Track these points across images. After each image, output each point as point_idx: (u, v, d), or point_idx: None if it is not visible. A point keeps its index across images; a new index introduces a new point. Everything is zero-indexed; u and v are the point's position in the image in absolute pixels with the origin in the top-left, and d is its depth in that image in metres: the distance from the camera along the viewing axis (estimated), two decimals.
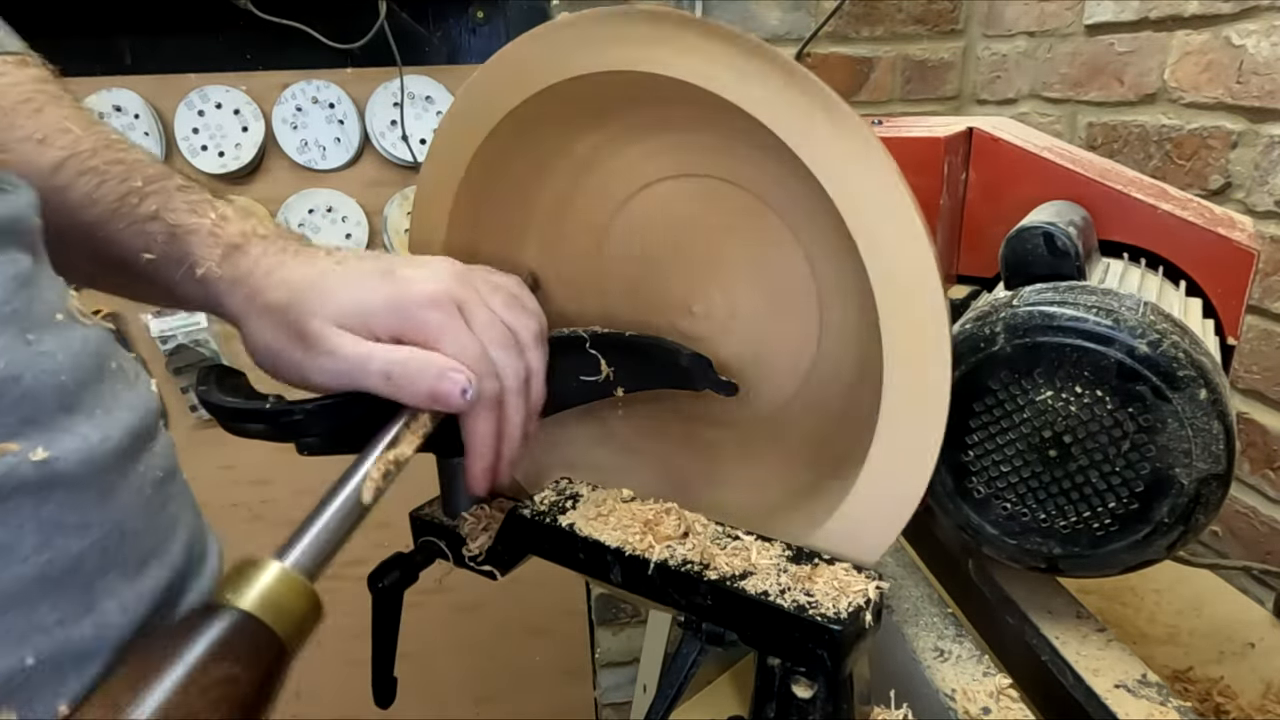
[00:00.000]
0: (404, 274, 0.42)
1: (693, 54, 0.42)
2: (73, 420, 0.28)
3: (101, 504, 0.29)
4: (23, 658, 0.25)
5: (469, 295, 0.43)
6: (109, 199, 0.42)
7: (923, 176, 0.60)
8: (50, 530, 0.27)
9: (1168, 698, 0.48)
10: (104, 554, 0.28)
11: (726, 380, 0.54)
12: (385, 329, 0.41)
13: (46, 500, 0.26)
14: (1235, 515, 0.95)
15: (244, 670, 0.28)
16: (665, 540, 0.46)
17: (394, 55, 1.17)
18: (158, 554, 0.31)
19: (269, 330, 0.41)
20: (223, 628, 0.28)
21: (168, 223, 0.42)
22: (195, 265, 0.41)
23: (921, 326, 0.40)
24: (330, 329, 0.40)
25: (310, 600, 0.32)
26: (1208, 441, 0.44)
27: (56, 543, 0.27)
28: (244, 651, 0.28)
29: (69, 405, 0.28)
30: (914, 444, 0.42)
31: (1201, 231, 0.58)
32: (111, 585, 0.29)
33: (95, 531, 0.28)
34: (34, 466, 0.26)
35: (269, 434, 0.43)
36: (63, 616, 0.27)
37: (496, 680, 1.62)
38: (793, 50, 1.28)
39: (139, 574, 0.30)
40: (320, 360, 0.40)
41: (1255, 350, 0.91)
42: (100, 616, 0.28)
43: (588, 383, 0.52)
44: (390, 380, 0.40)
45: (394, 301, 0.41)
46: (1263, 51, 0.85)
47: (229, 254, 0.42)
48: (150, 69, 1.18)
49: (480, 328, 0.42)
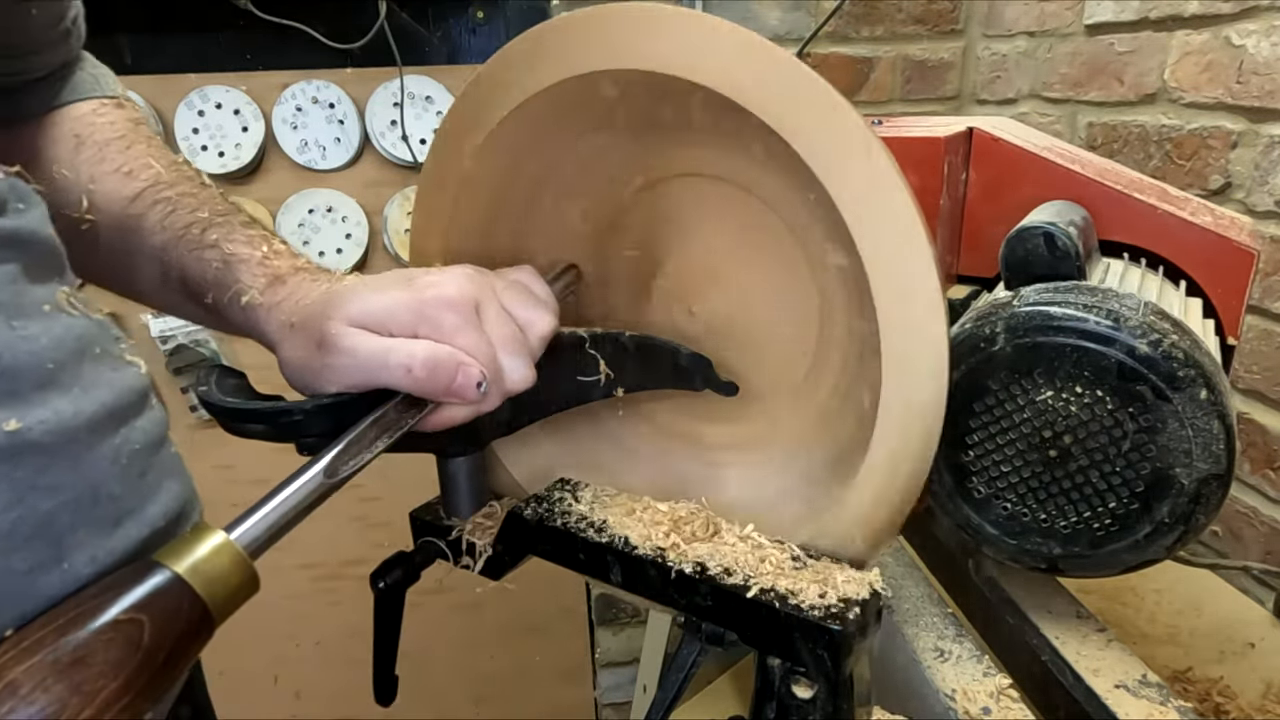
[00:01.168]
0: (422, 280, 0.43)
1: (694, 52, 0.42)
2: (47, 396, 0.31)
3: (73, 469, 0.32)
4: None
5: (485, 294, 0.44)
6: (177, 226, 0.47)
7: (923, 176, 0.60)
8: (22, 490, 0.30)
9: (1168, 698, 0.48)
10: (75, 512, 0.32)
11: (726, 380, 0.54)
12: (402, 329, 0.41)
13: (18, 465, 0.30)
14: (1236, 515, 0.95)
15: (150, 621, 0.30)
16: (691, 541, 0.47)
17: (394, 55, 1.17)
18: (134, 514, 0.34)
19: (296, 346, 0.43)
20: (150, 584, 0.30)
21: (224, 251, 0.46)
22: (240, 292, 0.45)
23: (920, 327, 0.40)
24: (346, 329, 0.41)
25: (244, 573, 0.33)
26: (1208, 441, 0.44)
27: (28, 501, 0.30)
28: (159, 608, 0.30)
29: (45, 383, 0.32)
30: (911, 444, 0.42)
31: (1201, 231, 0.58)
32: (82, 540, 0.32)
33: (67, 493, 0.31)
34: (6, 435, 0.30)
35: (269, 434, 0.43)
36: (32, 566, 0.30)
37: (496, 680, 1.62)
38: (793, 50, 1.28)
39: (112, 531, 0.33)
40: (339, 359, 0.41)
41: (1255, 350, 0.91)
42: (70, 568, 0.31)
43: (587, 383, 0.52)
44: (410, 373, 0.40)
45: (411, 302, 0.41)
46: (1263, 51, 0.85)
47: (272, 284, 0.45)
48: (150, 69, 1.18)
49: (491, 326, 0.43)
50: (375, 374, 0.41)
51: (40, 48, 0.48)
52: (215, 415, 0.44)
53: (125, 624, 0.29)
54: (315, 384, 0.43)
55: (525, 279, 0.48)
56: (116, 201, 0.47)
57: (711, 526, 0.49)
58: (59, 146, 0.49)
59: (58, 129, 0.49)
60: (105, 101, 0.51)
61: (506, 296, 0.45)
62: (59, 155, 0.48)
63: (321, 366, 0.41)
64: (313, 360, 0.42)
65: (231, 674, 1.53)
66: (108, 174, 0.47)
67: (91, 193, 0.47)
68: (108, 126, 0.49)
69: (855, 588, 0.42)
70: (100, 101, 0.51)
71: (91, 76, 0.52)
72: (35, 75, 0.49)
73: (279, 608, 1.47)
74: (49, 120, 0.49)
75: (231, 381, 0.46)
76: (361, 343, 0.40)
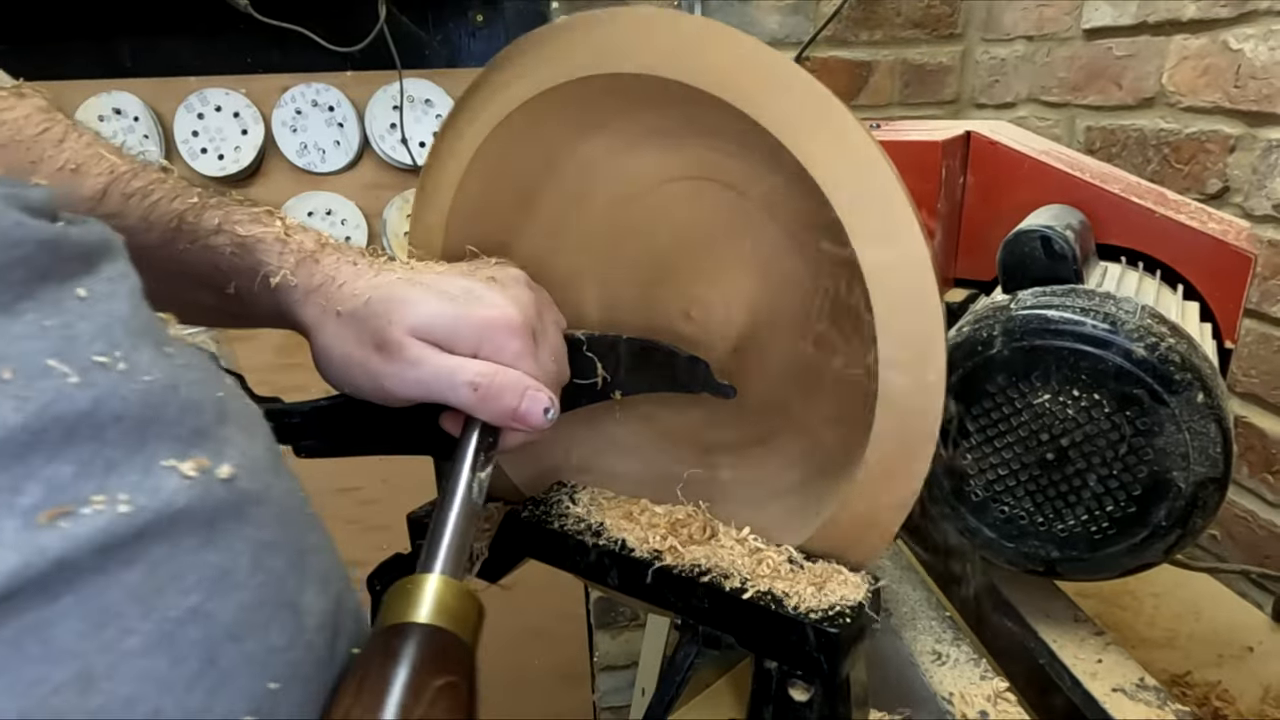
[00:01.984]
0: (486, 296, 0.42)
1: (693, 56, 0.42)
2: (229, 432, 0.26)
3: (281, 520, 0.27)
4: (265, 682, 0.24)
5: (540, 327, 0.44)
6: (165, 219, 0.41)
7: (920, 180, 0.60)
8: (258, 550, 0.25)
9: (1165, 701, 0.48)
10: (301, 572, 0.27)
11: (724, 384, 0.54)
12: (465, 347, 0.41)
13: (246, 519, 0.25)
14: (1234, 519, 0.95)
15: (460, 679, 0.28)
16: (688, 544, 0.47)
17: (393, 58, 1.17)
18: (335, 567, 0.30)
19: (347, 340, 0.41)
20: (420, 642, 0.29)
21: (235, 234, 0.41)
22: (270, 275, 0.41)
23: (918, 334, 0.40)
24: (411, 340, 0.40)
25: (474, 601, 0.32)
26: (1205, 445, 0.44)
27: (265, 563, 0.25)
28: (456, 662, 0.29)
29: (222, 417, 0.26)
30: (909, 445, 0.42)
31: (1199, 235, 0.58)
32: (310, 604, 0.27)
33: (287, 549, 0.27)
34: (224, 486, 0.24)
35: None
36: (290, 640, 0.26)
37: (494, 683, 1.62)
38: (792, 54, 1.28)
39: (323, 590, 0.28)
40: (404, 369, 0.40)
41: (1253, 354, 0.91)
42: (311, 640, 0.26)
43: (585, 386, 0.52)
44: (477, 392, 0.40)
45: (478, 323, 0.41)
46: (1260, 56, 0.85)
47: (303, 263, 0.42)
48: (150, 72, 1.18)
49: (544, 362, 0.44)
50: (440, 391, 0.40)
51: None
52: None
53: (449, 688, 0.28)
54: (366, 383, 0.42)
55: (560, 319, 0.49)
56: (78, 204, 0.39)
57: (709, 529, 0.49)
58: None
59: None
60: (3, 94, 0.40)
61: (552, 334, 0.46)
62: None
63: (379, 371, 0.40)
64: (368, 361, 0.41)
65: None
66: (50, 175, 0.39)
67: None
68: (24, 121, 0.39)
69: (852, 590, 0.42)
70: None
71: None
72: None
73: None
74: None
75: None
76: (429, 358, 0.40)
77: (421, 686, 0.27)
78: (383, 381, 0.41)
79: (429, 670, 0.28)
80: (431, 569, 0.33)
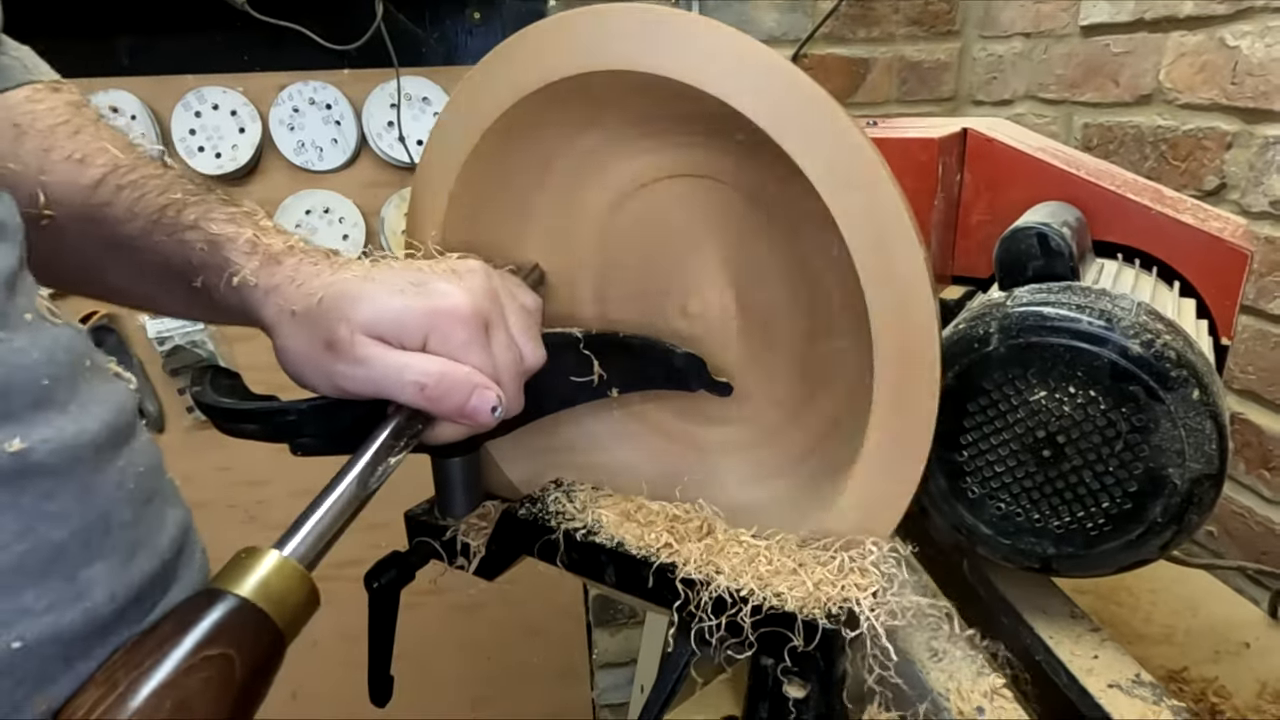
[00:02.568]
0: (437, 286, 0.42)
1: (689, 54, 0.42)
2: (47, 415, 0.29)
3: (82, 495, 0.29)
4: (8, 642, 0.26)
5: (495, 315, 0.43)
6: (149, 211, 0.43)
7: (917, 177, 0.61)
8: (30, 518, 0.27)
9: (1161, 697, 0.48)
10: (87, 544, 0.29)
11: (721, 381, 0.54)
12: (411, 338, 0.41)
13: (24, 490, 0.27)
14: (1231, 515, 0.96)
15: (238, 653, 0.29)
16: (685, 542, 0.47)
17: (391, 56, 1.17)
18: (145, 545, 0.32)
19: (301, 339, 0.41)
20: (221, 612, 0.29)
21: (208, 232, 0.43)
22: (233, 274, 0.42)
23: (913, 326, 0.40)
24: (360, 337, 0.40)
25: (307, 589, 0.33)
26: (1201, 441, 0.45)
27: (39, 531, 0.28)
28: (240, 636, 0.29)
29: (43, 401, 0.29)
30: (905, 445, 0.42)
31: (1195, 232, 0.58)
32: (99, 575, 0.29)
33: (76, 521, 0.29)
34: (10, 457, 0.27)
35: (263, 435, 0.43)
36: (51, 603, 0.28)
37: (494, 681, 1.62)
38: (789, 52, 1.28)
39: (127, 564, 0.31)
40: (351, 368, 0.40)
41: (1250, 350, 0.91)
42: (90, 604, 0.29)
43: (581, 384, 0.52)
44: (424, 391, 0.40)
45: (424, 311, 0.41)
46: (1257, 53, 0.85)
47: (266, 264, 0.42)
48: (147, 70, 1.18)
49: (498, 351, 0.43)
50: (387, 389, 0.40)
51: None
52: (210, 416, 0.44)
53: (216, 659, 0.28)
54: (318, 382, 0.42)
55: (517, 290, 0.47)
56: (76, 192, 0.43)
57: (706, 526, 0.49)
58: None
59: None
60: (39, 86, 0.46)
61: (513, 320, 0.45)
62: (1, 148, 0.44)
63: (330, 370, 0.41)
64: (320, 360, 0.41)
65: None
66: (59, 163, 0.43)
67: (45, 185, 0.43)
68: (48, 113, 0.45)
69: (851, 589, 0.42)
70: (34, 87, 0.46)
71: (17, 61, 0.47)
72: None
73: None
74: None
75: (226, 382, 0.46)
76: (376, 355, 0.40)
77: (193, 652, 0.28)
78: (335, 380, 0.41)
79: (208, 639, 0.29)
80: (281, 547, 0.33)
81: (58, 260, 0.45)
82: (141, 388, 1.34)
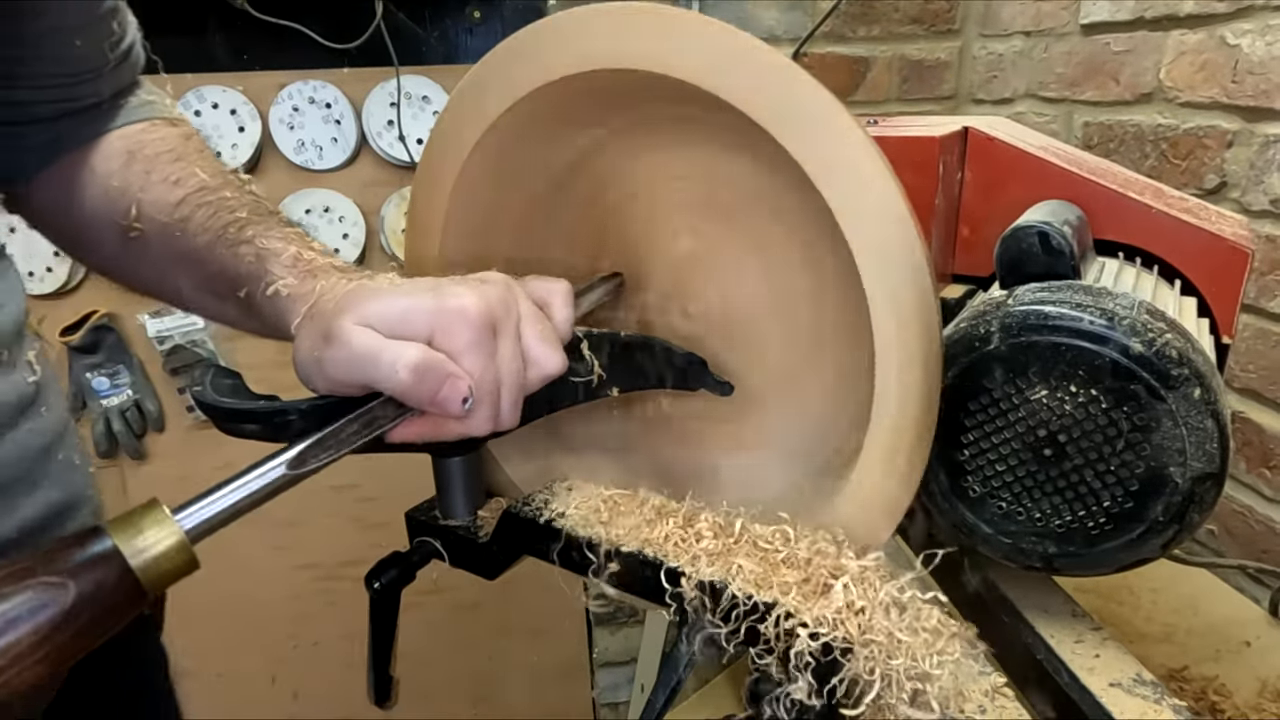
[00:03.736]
0: (450, 289, 0.42)
1: (689, 53, 0.42)
2: None
3: None
4: None
5: (506, 323, 0.43)
6: (217, 226, 0.49)
7: (918, 176, 0.60)
8: None
9: (1163, 696, 0.48)
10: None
11: (722, 380, 0.54)
12: (415, 334, 0.41)
13: None
14: (1231, 514, 0.96)
15: (76, 587, 0.31)
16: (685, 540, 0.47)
17: (390, 55, 1.17)
18: (33, 495, 0.42)
19: (307, 338, 0.42)
20: (86, 552, 0.32)
21: (258, 246, 0.47)
22: (269, 283, 0.45)
23: (913, 326, 0.40)
24: (352, 326, 0.40)
25: (182, 555, 0.34)
26: (1202, 440, 0.44)
27: None
28: (87, 574, 0.32)
29: None
30: (906, 444, 0.42)
31: (1196, 230, 0.58)
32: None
33: None
34: None
35: (263, 434, 0.43)
36: None
37: (494, 680, 1.62)
38: (790, 50, 1.28)
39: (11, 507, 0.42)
40: (335, 352, 0.40)
41: (1251, 349, 0.91)
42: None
43: (582, 384, 0.52)
44: (396, 374, 0.40)
45: (430, 309, 0.41)
46: (1258, 51, 0.85)
47: (303, 277, 0.45)
48: (147, 69, 1.17)
49: (502, 358, 0.43)
50: (365, 370, 0.40)
51: (91, 77, 0.51)
52: (209, 415, 0.44)
53: (51, 585, 0.31)
54: (313, 378, 0.42)
55: (555, 301, 0.47)
56: (163, 209, 0.50)
57: (704, 524, 0.49)
58: (112, 162, 0.52)
59: (111, 146, 0.52)
60: (157, 121, 0.55)
61: (527, 327, 0.44)
62: (111, 169, 0.51)
63: (321, 358, 0.41)
64: (316, 354, 0.41)
65: (229, 675, 1.53)
66: (156, 184, 0.50)
67: (140, 202, 0.50)
68: (158, 142, 0.53)
69: (850, 590, 0.42)
70: (152, 121, 0.55)
71: (146, 102, 0.56)
72: (89, 101, 0.52)
73: (277, 608, 1.47)
74: (104, 140, 0.53)
75: (227, 382, 0.46)
76: (359, 338, 0.40)
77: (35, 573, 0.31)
78: (324, 368, 0.41)
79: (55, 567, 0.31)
80: (179, 510, 0.35)
81: (143, 268, 0.53)
82: (142, 387, 1.34)
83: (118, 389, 1.32)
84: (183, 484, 1.35)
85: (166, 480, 1.37)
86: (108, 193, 0.51)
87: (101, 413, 1.31)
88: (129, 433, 1.33)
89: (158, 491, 0.36)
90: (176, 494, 0.35)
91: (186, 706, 0.64)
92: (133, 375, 1.33)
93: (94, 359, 1.30)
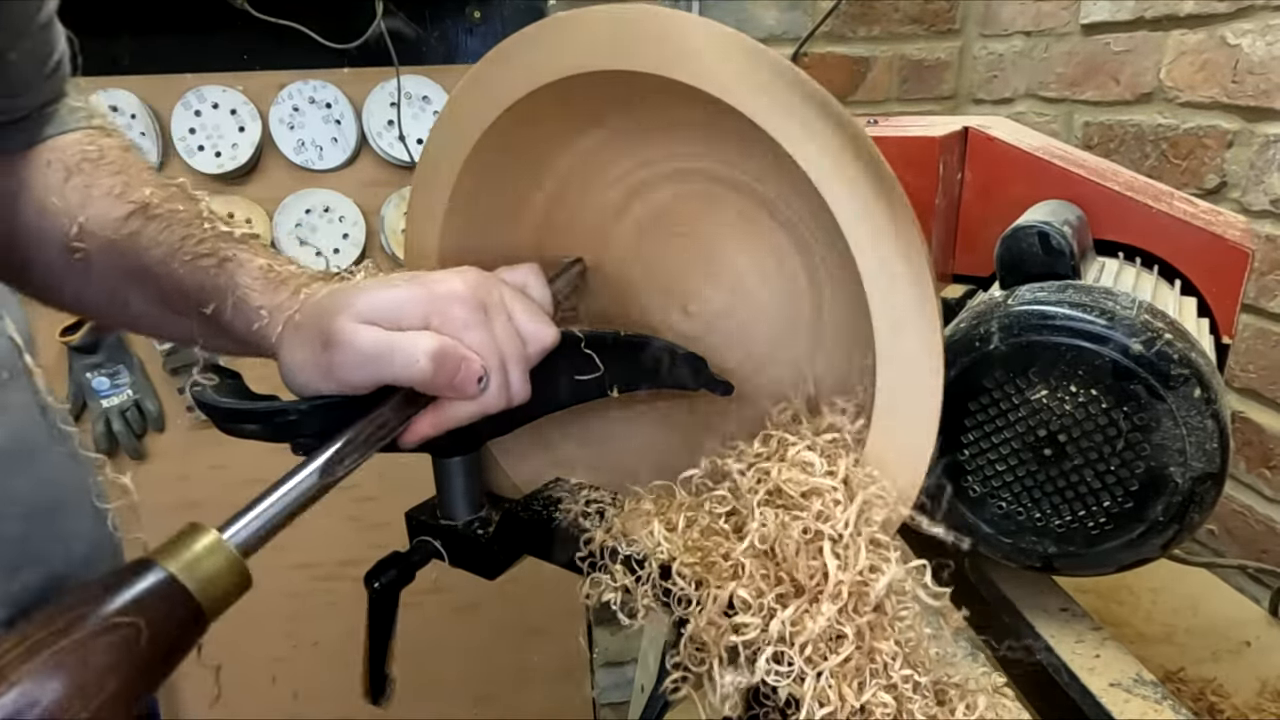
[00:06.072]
0: (433, 276, 0.43)
1: (690, 55, 0.42)
2: None
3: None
4: None
5: (494, 300, 0.43)
6: (172, 240, 0.46)
7: (918, 176, 0.60)
8: None
9: (1163, 696, 0.48)
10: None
11: (721, 380, 0.54)
12: (412, 322, 0.41)
13: None
14: (1231, 514, 0.96)
15: (147, 624, 0.30)
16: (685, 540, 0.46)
17: (390, 55, 1.17)
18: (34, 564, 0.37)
19: (300, 345, 0.42)
20: (142, 583, 0.31)
21: (220, 256, 0.45)
22: (242, 297, 0.44)
23: (914, 326, 0.40)
24: (353, 325, 0.40)
25: (237, 572, 0.34)
26: (1202, 440, 0.44)
27: None
28: (153, 608, 0.31)
29: None
30: (907, 443, 0.42)
31: (1196, 230, 0.58)
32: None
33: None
34: None
35: (263, 434, 0.43)
36: None
37: (494, 680, 1.62)
38: (789, 50, 1.28)
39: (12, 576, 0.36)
40: (345, 355, 0.40)
41: (1251, 349, 0.91)
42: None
43: (582, 382, 0.52)
44: (417, 364, 0.40)
45: (422, 296, 0.41)
46: (1258, 51, 0.85)
47: (275, 287, 0.44)
48: (147, 69, 1.18)
49: (499, 334, 0.43)
50: (381, 367, 0.40)
51: (23, 91, 0.49)
52: (210, 415, 0.44)
53: (123, 627, 0.30)
54: (319, 384, 0.42)
55: (531, 281, 0.48)
56: (108, 224, 0.47)
57: (700, 523, 0.48)
58: (49, 176, 0.49)
59: (44, 159, 0.49)
60: (91, 132, 0.51)
61: (513, 306, 0.45)
62: (50, 184, 0.48)
63: (328, 364, 0.41)
64: (318, 359, 0.41)
65: (229, 674, 1.52)
66: (98, 198, 0.47)
67: (82, 219, 0.47)
68: (96, 154, 0.49)
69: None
70: (86, 132, 0.51)
71: (74, 108, 0.52)
72: (19, 115, 0.49)
73: (277, 608, 1.47)
74: (35, 153, 0.49)
75: (227, 382, 0.46)
76: (365, 336, 0.40)
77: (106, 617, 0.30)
78: (336, 372, 0.41)
79: (121, 608, 0.30)
80: (224, 529, 0.34)
81: (88, 291, 0.49)
82: (142, 387, 1.34)
83: (118, 389, 1.32)
84: (182, 484, 1.35)
85: (166, 480, 1.37)
86: (47, 209, 0.48)
87: (101, 413, 1.32)
88: (129, 432, 1.33)
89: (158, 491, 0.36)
90: (176, 494, 0.35)
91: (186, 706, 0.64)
92: (133, 375, 1.33)
93: (94, 359, 1.30)
